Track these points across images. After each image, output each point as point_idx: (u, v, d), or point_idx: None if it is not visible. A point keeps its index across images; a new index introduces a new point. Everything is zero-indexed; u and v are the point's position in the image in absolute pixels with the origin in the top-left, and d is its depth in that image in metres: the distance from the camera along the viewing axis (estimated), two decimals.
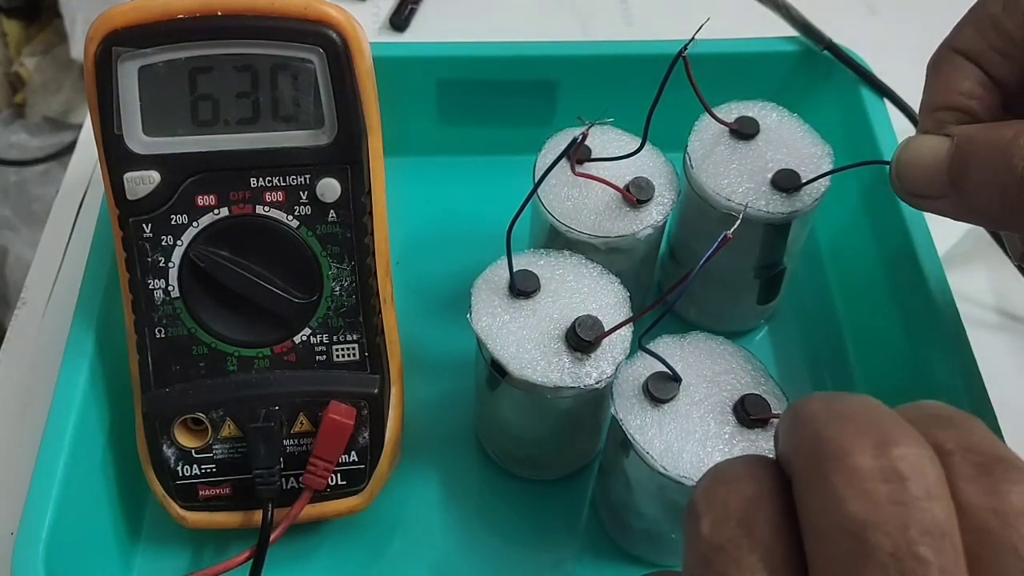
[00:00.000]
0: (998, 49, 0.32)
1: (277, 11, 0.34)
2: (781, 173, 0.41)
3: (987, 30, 0.33)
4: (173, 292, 0.37)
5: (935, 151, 0.32)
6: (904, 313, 0.43)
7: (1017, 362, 0.49)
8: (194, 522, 0.39)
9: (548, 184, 0.40)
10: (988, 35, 0.33)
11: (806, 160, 0.42)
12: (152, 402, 0.38)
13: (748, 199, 0.41)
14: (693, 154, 0.42)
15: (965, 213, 0.32)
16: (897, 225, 0.43)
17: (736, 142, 0.42)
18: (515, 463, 0.43)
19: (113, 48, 0.34)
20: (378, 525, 0.42)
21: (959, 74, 0.33)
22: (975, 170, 0.31)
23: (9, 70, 1.18)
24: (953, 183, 0.31)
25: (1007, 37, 0.32)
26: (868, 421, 0.21)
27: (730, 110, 0.43)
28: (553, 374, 0.36)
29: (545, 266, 0.38)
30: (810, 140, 0.43)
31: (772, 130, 0.43)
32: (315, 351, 0.38)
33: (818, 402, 0.21)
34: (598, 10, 0.63)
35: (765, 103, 0.44)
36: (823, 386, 0.47)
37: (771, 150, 0.42)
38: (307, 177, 0.36)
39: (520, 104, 0.50)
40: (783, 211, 0.41)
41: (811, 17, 0.49)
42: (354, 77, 0.35)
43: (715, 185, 0.41)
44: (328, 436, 0.37)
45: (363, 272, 0.37)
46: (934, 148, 0.32)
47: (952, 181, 0.31)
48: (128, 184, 0.35)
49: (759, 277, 0.45)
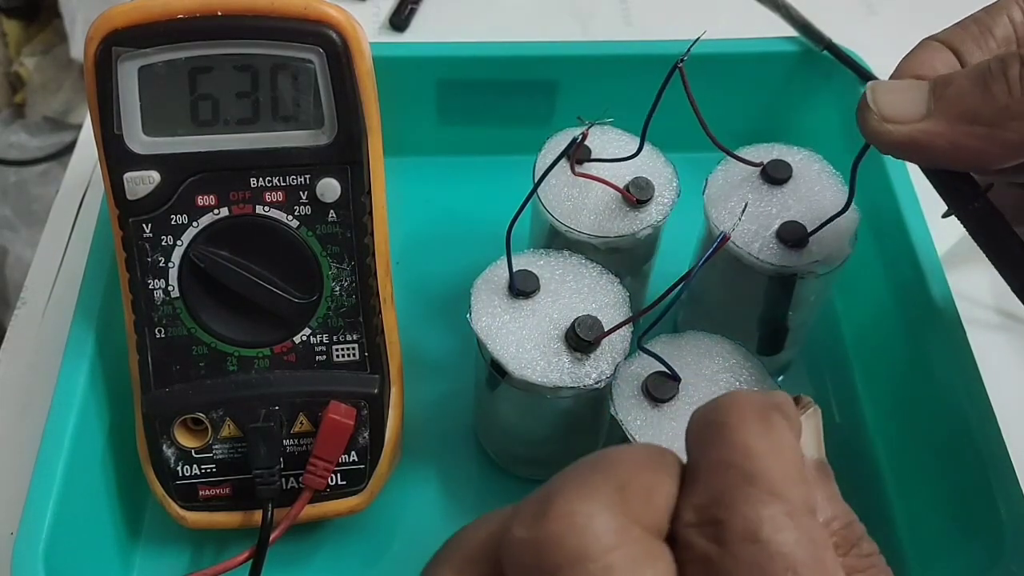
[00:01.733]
0: (975, 38, 0.32)
1: (277, 11, 0.34)
2: (787, 225, 0.39)
3: (968, 24, 0.33)
4: (173, 292, 0.37)
5: (913, 80, 0.32)
6: (904, 313, 0.43)
7: (1017, 362, 0.49)
8: (194, 522, 0.39)
9: (548, 184, 0.40)
10: (968, 28, 0.33)
11: (824, 216, 0.39)
12: (152, 402, 0.38)
13: (747, 241, 0.39)
14: (713, 181, 0.41)
15: (946, 140, 0.30)
16: (897, 225, 0.43)
17: (762, 183, 0.41)
18: (515, 463, 0.43)
19: (113, 48, 0.34)
20: (378, 525, 0.42)
21: (933, 54, 0.33)
22: (962, 76, 0.30)
23: (9, 70, 1.18)
24: (936, 93, 0.30)
25: (985, 28, 0.32)
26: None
27: (771, 151, 0.42)
28: (553, 374, 0.36)
29: (545, 266, 0.38)
30: (843, 198, 0.39)
31: (804, 181, 0.41)
32: (315, 351, 0.38)
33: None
34: (598, 10, 0.63)
35: (811, 152, 0.42)
36: (823, 386, 0.47)
37: (795, 201, 0.40)
38: (307, 177, 0.36)
39: (520, 104, 0.50)
40: (781, 264, 0.39)
41: (811, 17, 0.49)
42: (354, 77, 0.35)
43: (718, 217, 0.40)
44: (328, 436, 0.37)
45: (363, 272, 0.37)
46: (913, 79, 0.32)
47: (935, 88, 0.31)
48: (128, 184, 0.35)
49: (760, 330, 0.43)
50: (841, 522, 0.23)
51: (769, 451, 0.20)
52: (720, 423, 0.21)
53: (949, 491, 0.39)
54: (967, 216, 0.33)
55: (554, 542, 0.19)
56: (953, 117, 0.30)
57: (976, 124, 0.30)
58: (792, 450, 0.21)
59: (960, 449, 0.38)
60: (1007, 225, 0.32)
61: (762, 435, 0.21)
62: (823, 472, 0.24)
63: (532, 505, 0.20)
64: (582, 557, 0.19)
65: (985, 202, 0.32)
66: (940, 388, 0.40)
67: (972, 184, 0.33)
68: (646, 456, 0.21)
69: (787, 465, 0.20)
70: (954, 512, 0.39)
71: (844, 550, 0.22)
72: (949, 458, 0.39)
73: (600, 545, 0.19)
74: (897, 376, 0.44)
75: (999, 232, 0.32)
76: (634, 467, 0.21)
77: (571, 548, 0.19)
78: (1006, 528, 0.35)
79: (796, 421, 0.23)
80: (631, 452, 0.22)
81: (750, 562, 0.19)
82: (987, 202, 0.32)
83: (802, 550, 0.19)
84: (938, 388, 0.40)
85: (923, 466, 0.42)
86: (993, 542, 0.36)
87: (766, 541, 0.19)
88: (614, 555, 0.19)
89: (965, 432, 0.38)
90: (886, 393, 0.45)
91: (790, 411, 0.22)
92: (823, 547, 0.19)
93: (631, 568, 0.19)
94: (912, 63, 0.33)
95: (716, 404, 0.22)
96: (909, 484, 0.43)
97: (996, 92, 0.29)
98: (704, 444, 0.21)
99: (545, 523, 0.19)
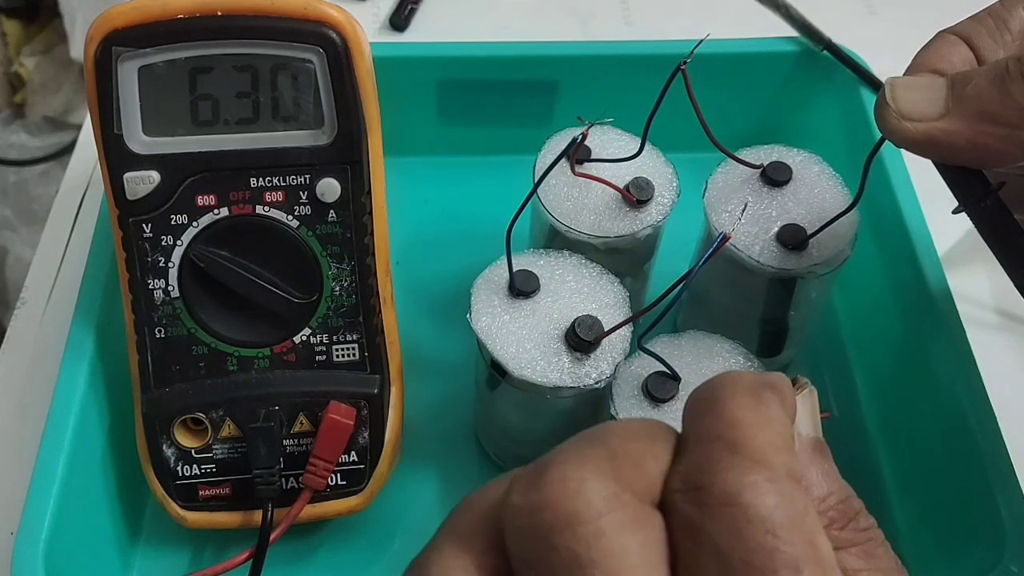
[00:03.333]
0: (991, 32, 0.33)
1: (277, 11, 0.34)
2: (787, 228, 0.39)
3: (983, 17, 0.33)
4: (173, 292, 0.37)
5: (932, 76, 0.32)
6: (904, 313, 0.43)
7: (1017, 362, 0.49)
8: (194, 522, 0.39)
9: (548, 184, 0.40)
10: (984, 21, 0.33)
11: (825, 219, 0.39)
12: (152, 402, 0.38)
13: (747, 244, 0.39)
14: (713, 184, 0.41)
15: (965, 139, 0.31)
16: (897, 225, 0.43)
17: (762, 185, 0.41)
18: (515, 463, 0.43)
19: (113, 48, 0.34)
20: (378, 525, 0.42)
21: (950, 48, 0.33)
22: (981, 76, 0.30)
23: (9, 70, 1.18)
24: (955, 91, 0.31)
25: (1001, 22, 0.32)
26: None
27: (771, 153, 0.42)
28: (553, 374, 0.36)
29: (545, 266, 0.38)
30: (843, 200, 0.40)
31: (804, 182, 0.41)
32: (315, 351, 0.38)
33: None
34: (598, 10, 0.63)
35: (811, 154, 0.42)
36: (823, 386, 0.47)
37: (795, 203, 0.40)
38: (307, 177, 0.36)
39: (520, 104, 0.50)
40: (781, 267, 0.39)
41: (811, 17, 0.49)
42: (354, 77, 0.35)
43: (719, 220, 0.40)
44: (328, 436, 0.37)
45: (363, 272, 0.37)
46: (931, 75, 0.32)
47: (954, 86, 0.31)
48: (128, 184, 0.35)
49: (760, 329, 0.43)
50: (837, 497, 0.23)
51: (755, 422, 0.21)
52: (712, 398, 0.22)
53: (949, 491, 0.39)
54: (977, 213, 0.33)
55: (548, 506, 0.20)
56: (972, 116, 0.30)
57: (995, 124, 0.30)
58: (780, 423, 0.21)
59: (960, 449, 0.38)
60: (1016, 223, 0.33)
61: (750, 408, 0.21)
62: (820, 449, 0.24)
63: (529, 473, 0.21)
64: (574, 520, 0.19)
65: (996, 200, 0.32)
66: (940, 388, 0.40)
67: (984, 181, 0.33)
68: (641, 428, 0.22)
69: (772, 435, 0.21)
70: (954, 512, 0.39)
71: (841, 524, 0.23)
72: (949, 458, 0.39)
73: (592, 510, 0.19)
74: (897, 376, 0.44)
75: (1008, 230, 0.32)
76: (627, 437, 0.21)
77: (564, 512, 0.20)
78: (1006, 528, 0.35)
79: (790, 399, 0.23)
80: (626, 425, 0.22)
81: (729, 525, 0.19)
82: (998, 200, 0.32)
83: (780, 512, 0.19)
84: (938, 388, 0.40)
85: (923, 466, 0.42)
86: (993, 542, 0.36)
87: (744, 505, 0.19)
88: (604, 519, 0.19)
89: (965, 432, 0.38)
90: (886, 393, 0.45)
91: (784, 389, 0.23)
92: (803, 510, 0.20)
93: (620, 531, 0.19)
94: (930, 57, 0.33)
95: (711, 382, 0.22)
96: (909, 484, 0.43)
97: (1015, 93, 0.29)
98: (694, 416, 0.22)
99: (540, 489, 0.20)
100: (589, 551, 0.19)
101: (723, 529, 0.19)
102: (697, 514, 0.20)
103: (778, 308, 0.43)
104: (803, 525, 0.19)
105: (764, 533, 0.19)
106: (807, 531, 0.19)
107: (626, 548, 0.19)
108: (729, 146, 0.40)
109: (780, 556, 0.19)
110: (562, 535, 0.19)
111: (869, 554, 0.22)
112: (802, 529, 0.19)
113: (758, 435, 0.21)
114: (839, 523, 0.23)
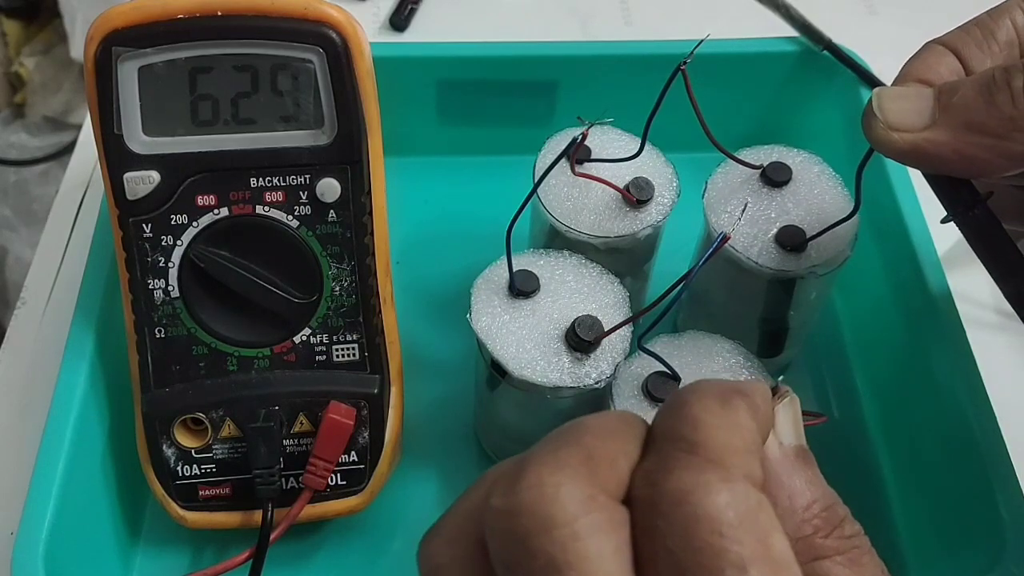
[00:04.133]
0: (978, 42, 0.33)
1: (277, 11, 0.34)
2: (786, 230, 0.39)
3: (970, 28, 0.33)
4: (173, 292, 0.37)
5: (919, 86, 0.32)
6: (904, 313, 0.43)
7: (1017, 362, 0.49)
8: (194, 522, 0.39)
9: (548, 184, 0.40)
10: (971, 31, 0.33)
11: (824, 220, 0.39)
12: (152, 402, 0.38)
13: (746, 245, 0.39)
14: (712, 184, 0.41)
15: (951, 149, 0.31)
16: (897, 226, 0.43)
17: (762, 186, 0.40)
18: None
19: (113, 48, 0.34)
20: (378, 525, 0.42)
21: (938, 58, 0.33)
22: (967, 86, 0.30)
23: (9, 70, 1.18)
24: (942, 102, 0.31)
25: (988, 32, 0.33)
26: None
27: (771, 153, 0.41)
28: (553, 374, 0.36)
29: (545, 266, 0.38)
30: (843, 202, 0.40)
31: (804, 183, 0.40)
32: (315, 351, 0.38)
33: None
34: (598, 10, 0.63)
35: (811, 155, 0.42)
36: (823, 386, 0.47)
37: (794, 204, 0.40)
38: (307, 177, 0.36)
39: (520, 104, 0.50)
40: (780, 268, 0.39)
41: (811, 17, 0.49)
42: (354, 77, 0.35)
43: (718, 222, 0.40)
44: (328, 436, 0.37)
45: (363, 272, 0.37)
46: (918, 85, 0.32)
47: (940, 97, 0.31)
48: (128, 184, 0.35)
49: (760, 329, 0.43)
50: (822, 505, 0.23)
51: (717, 425, 0.21)
52: (681, 401, 0.22)
53: (949, 491, 0.39)
54: (966, 222, 0.33)
55: (525, 511, 0.20)
56: (958, 127, 0.30)
57: (981, 135, 0.30)
58: (745, 428, 0.22)
59: (960, 449, 0.38)
60: (1004, 233, 0.33)
61: (713, 411, 0.22)
62: (803, 457, 0.24)
63: (508, 476, 0.21)
64: (550, 524, 0.20)
65: (984, 209, 0.32)
66: (940, 388, 0.40)
67: (972, 191, 0.33)
68: (615, 424, 0.22)
69: (732, 438, 0.21)
70: (954, 512, 0.39)
71: (826, 532, 0.23)
72: (949, 458, 0.39)
73: (567, 514, 0.20)
74: (897, 376, 0.44)
75: (996, 240, 0.33)
76: (602, 435, 0.22)
77: (540, 516, 0.20)
78: (1006, 528, 0.35)
79: (763, 407, 0.23)
80: (600, 420, 0.23)
81: (680, 524, 0.20)
82: (986, 209, 0.33)
83: (730, 512, 0.20)
84: (938, 388, 0.40)
85: (923, 466, 0.42)
86: (993, 543, 0.36)
87: (694, 504, 0.20)
88: (579, 523, 0.20)
89: (965, 432, 0.38)
90: (886, 393, 0.45)
91: (756, 396, 0.23)
92: (755, 509, 0.20)
93: (594, 534, 0.20)
94: (917, 67, 0.33)
95: (685, 387, 0.23)
96: (909, 484, 0.43)
97: (1001, 103, 0.29)
98: (662, 417, 0.22)
99: (518, 493, 0.21)
100: (565, 554, 0.20)
101: (674, 528, 0.20)
102: (652, 512, 0.20)
103: (778, 308, 0.42)
104: (754, 524, 0.20)
105: (711, 532, 0.19)
106: (759, 530, 0.20)
107: (601, 551, 0.20)
108: (729, 146, 0.40)
109: (728, 556, 0.19)
110: (539, 539, 0.20)
111: (854, 561, 0.23)
112: (753, 528, 0.20)
113: (718, 437, 0.21)
114: (824, 531, 0.23)
